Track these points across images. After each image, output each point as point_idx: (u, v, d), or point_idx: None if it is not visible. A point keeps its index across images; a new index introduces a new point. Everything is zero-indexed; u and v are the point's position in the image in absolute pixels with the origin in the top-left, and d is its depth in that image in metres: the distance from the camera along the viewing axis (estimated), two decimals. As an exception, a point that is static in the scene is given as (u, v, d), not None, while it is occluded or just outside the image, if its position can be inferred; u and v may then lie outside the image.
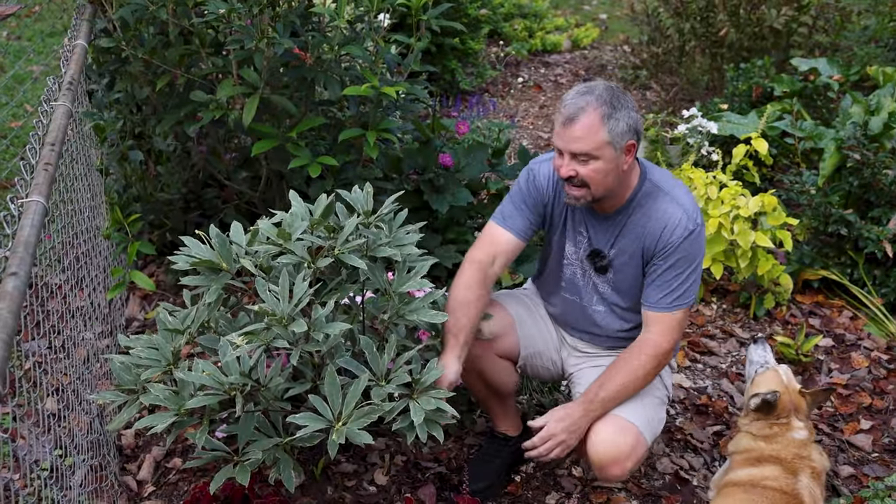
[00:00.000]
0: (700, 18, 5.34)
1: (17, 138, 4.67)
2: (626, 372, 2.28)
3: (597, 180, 2.16)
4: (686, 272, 2.25)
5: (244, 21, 2.67)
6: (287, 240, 2.07)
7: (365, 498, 2.57)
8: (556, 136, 2.17)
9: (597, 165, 2.14)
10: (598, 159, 2.13)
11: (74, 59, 2.81)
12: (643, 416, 2.30)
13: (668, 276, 2.25)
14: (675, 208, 2.24)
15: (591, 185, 2.17)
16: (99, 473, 2.42)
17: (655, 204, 2.26)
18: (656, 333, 2.29)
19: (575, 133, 2.11)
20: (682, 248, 2.23)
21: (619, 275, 2.36)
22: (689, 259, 2.25)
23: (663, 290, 2.27)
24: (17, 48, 6.30)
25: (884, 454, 2.87)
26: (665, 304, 2.27)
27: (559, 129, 2.15)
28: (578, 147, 2.12)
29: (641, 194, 2.27)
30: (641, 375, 2.27)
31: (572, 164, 2.15)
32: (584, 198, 2.20)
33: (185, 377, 1.99)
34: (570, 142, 2.13)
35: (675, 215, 2.23)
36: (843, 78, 4.62)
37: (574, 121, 2.11)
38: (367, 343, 2.10)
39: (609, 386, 2.27)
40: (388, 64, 3.03)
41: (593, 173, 2.15)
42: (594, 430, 2.26)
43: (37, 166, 2.05)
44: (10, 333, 1.46)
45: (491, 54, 6.80)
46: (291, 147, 2.85)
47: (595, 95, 2.13)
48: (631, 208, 2.28)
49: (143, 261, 3.76)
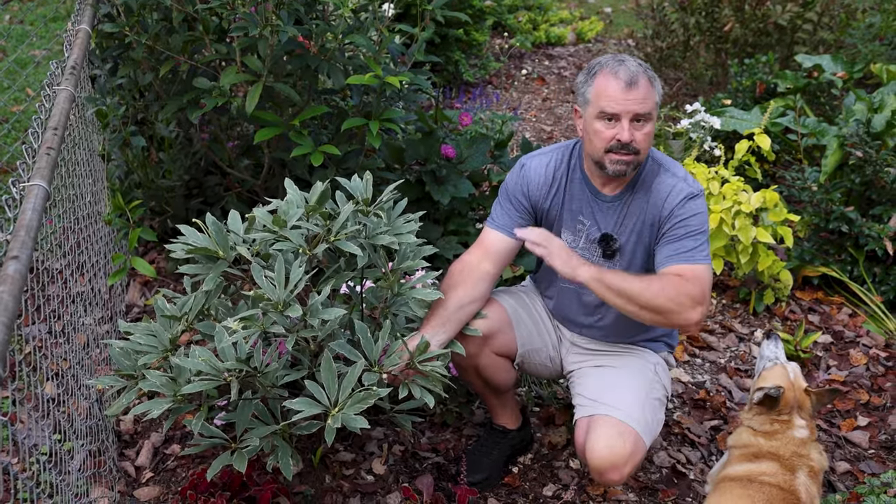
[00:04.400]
0: (705, 13, 5.33)
1: (18, 122, 4.67)
2: (645, 282, 2.18)
3: (647, 144, 2.21)
4: (695, 233, 2.22)
5: (248, 8, 2.66)
6: (282, 227, 2.08)
7: (363, 487, 2.58)
8: (613, 101, 2.16)
9: (649, 128, 2.19)
10: (650, 121, 2.20)
11: (78, 43, 2.80)
12: (642, 420, 2.28)
13: (678, 234, 2.23)
14: (673, 179, 2.27)
15: (642, 150, 2.20)
16: (97, 458, 2.43)
17: (656, 179, 2.28)
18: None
19: (640, 93, 2.15)
20: (686, 208, 2.23)
21: (626, 257, 2.35)
22: (696, 220, 2.23)
23: (676, 248, 2.21)
24: (19, 32, 6.29)
25: (880, 451, 2.88)
26: (683, 257, 2.20)
27: (618, 94, 2.15)
28: (643, 108, 2.16)
29: (646, 172, 2.29)
30: (655, 293, 2.15)
31: (631, 129, 2.17)
32: (632, 164, 2.21)
33: (181, 363, 2.00)
34: (634, 103, 2.16)
35: (674, 184, 2.25)
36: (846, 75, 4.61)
37: (636, 83, 2.15)
38: (362, 328, 2.11)
39: (620, 276, 2.19)
40: (392, 54, 3.03)
41: (647, 136, 2.20)
42: (593, 434, 2.25)
43: (39, 150, 2.05)
44: (10, 317, 1.46)
45: (495, 46, 6.78)
46: (294, 135, 2.85)
47: (636, 61, 2.20)
48: (637, 187, 2.29)
49: (143, 247, 3.76)
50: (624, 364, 2.44)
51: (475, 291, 2.36)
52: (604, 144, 2.20)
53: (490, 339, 2.44)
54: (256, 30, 2.64)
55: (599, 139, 2.21)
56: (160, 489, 2.57)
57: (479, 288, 2.37)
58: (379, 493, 2.57)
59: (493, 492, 2.62)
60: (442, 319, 2.28)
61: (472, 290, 2.35)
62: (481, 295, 2.39)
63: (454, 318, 2.30)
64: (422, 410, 2.86)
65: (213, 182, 3.55)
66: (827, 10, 5.21)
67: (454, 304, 2.30)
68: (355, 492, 2.56)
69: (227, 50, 2.89)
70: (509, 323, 2.50)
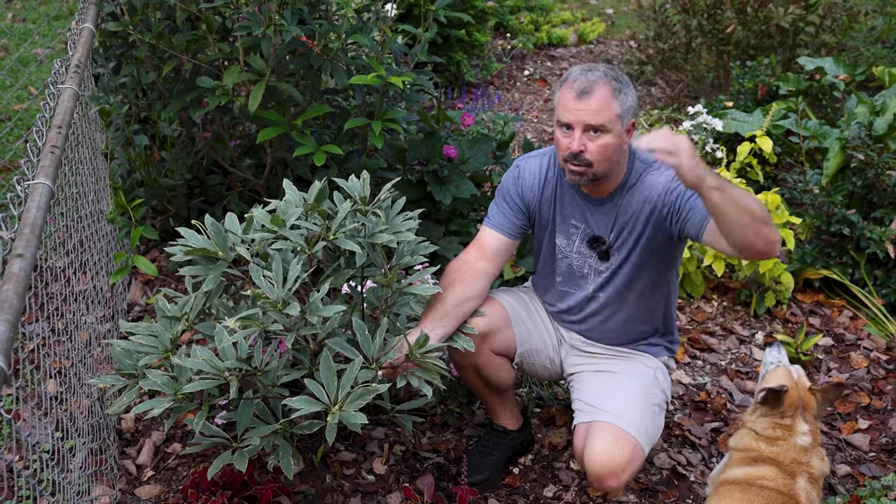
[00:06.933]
0: (707, 15, 5.32)
1: (21, 120, 4.67)
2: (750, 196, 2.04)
3: (603, 156, 2.17)
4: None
5: (252, 8, 2.66)
6: (281, 227, 2.08)
7: (363, 486, 2.58)
8: (566, 111, 2.16)
9: (606, 140, 2.16)
10: (608, 133, 2.15)
11: (82, 42, 2.81)
12: (641, 426, 2.28)
13: (690, 203, 2.19)
14: (660, 173, 2.25)
15: (596, 162, 2.18)
16: (99, 457, 2.43)
17: (646, 177, 2.28)
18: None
19: (591, 105, 2.13)
20: (676, 183, 2.21)
21: (620, 255, 2.35)
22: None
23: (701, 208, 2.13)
24: (22, 30, 6.29)
25: (881, 454, 2.88)
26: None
27: (571, 103, 2.15)
28: (594, 119, 2.13)
29: (634, 174, 2.30)
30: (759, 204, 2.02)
31: (583, 139, 2.16)
32: (585, 175, 2.20)
33: (182, 363, 2.00)
34: (585, 113, 2.14)
35: (665, 175, 2.24)
36: (848, 78, 4.61)
37: (589, 93, 2.13)
38: (360, 326, 2.12)
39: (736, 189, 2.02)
40: (395, 54, 3.03)
41: (602, 148, 2.16)
42: (591, 440, 2.26)
43: (43, 148, 2.05)
44: (15, 315, 1.46)
45: (497, 47, 6.78)
46: (296, 135, 2.85)
47: (601, 72, 2.17)
48: (626, 189, 2.30)
49: (145, 246, 3.77)
50: (623, 369, 2.44)
51: (472, 289, 2.37)
52: (561, 153, 2.22)
53: (489, 338, 2.44)
54: (260, 29, 2.64)
55: (558, 147, 2.24)
56: (161, 488, 2.58)
57: (476, 285, 2.38)
58: (380, 492, 2.58)
59: (494, 492, 2.62)
60: (440, 314, 2.28)
61: (470, 288, 2.36)
62: (479, 292, 2.40)
63: (452, 314, 2.31)
64: (423, 411, 2.87)
65: (216, 181, 3.55)
66: (829, 12, 5.21)
67: (452, 300, 2.31)
68: (356, 491, 2.57)
69: (230, 49, 2.89)
70: (508, 322, 2.50)
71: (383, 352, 2.13)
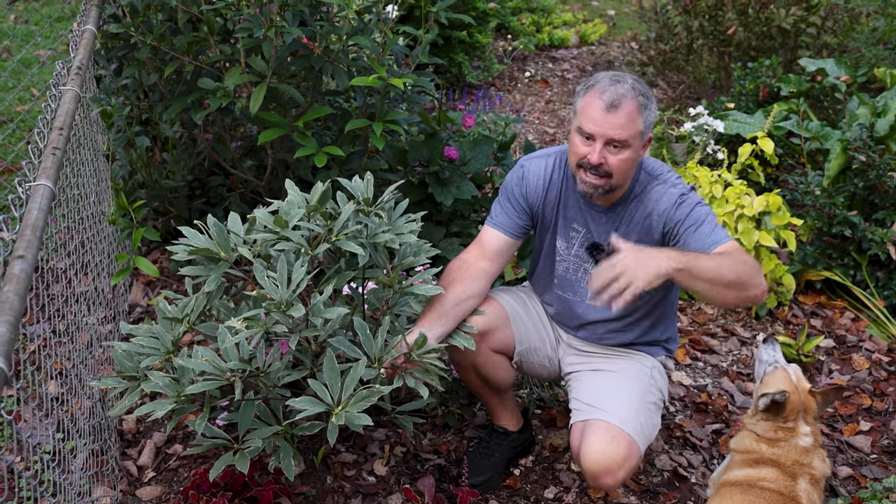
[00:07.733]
0: (708, 17, 5.33)
1: (23, 122, 4.67)
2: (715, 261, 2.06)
3: (622, 170, 2.17)
4: (703, 222, 2.19)
5: (253, 9, 2.67)
6: (284, 228, 2.08)
7: (364, 488, 2.58)
8: (591, 121, 2.14)
9: (626, 155, 2.15)
10: (629, 148, 2.15)
11: (83, 43, 2.81)
12: (637, 424, 2.28)
13: (691, 231, 2.20)
14: (663, 187, 2.26)
15: (615, 174, 2.17)
16: (100, 458, 2.44)
17: (651, 190, 2.27)
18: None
19: (619, 120, 2.11)
20: (682, 209, 2.22)
21: None
22: (696, 212, 2.21)
23: (698, 240, 2.16)
24: (24, 32, 6.30)
25: (882, 456, 2.88)
26: (709, 243, 2.15)
27: (597, 114, 2.13)
28: (619, 134, 2.12)
29: (639, 185, 2.29)
30: (741, 261, 2.06)
31: (604, 152, 2.15)
32: (602, 187, 2.20)
33: (184, 364, 2.00)
34: (610, 128, 2.12)
35: (664, 191, 2.24)
36: (850, 79, 4.60)
37: (618, 108, 2.11)
38: (361, 325, 2.12)
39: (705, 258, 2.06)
40: (396, 55, 3.03)
41: (622, 163, 2.15)
42: (587, 438, 2.26)
43: (45, 150, 2.06)
44: (16, 316, 1.46)
45: (498, 48, 6.79)
46: (297, 136, 2.85)
47: (630, 85, 2.14)
48: (630, 199, 2.29)
49: (147, 247, 3.77)
50: (620, 368, 2.45)
51: (472, 288, 2.37)
52: (576, 159, 2.21)
53: (487, 336, 2.44)
54: (261, 31, 2.64)
55: (573, 153, 2.22)
56: (162, 489, 2.58)
57: (476, 284, 2.38)
58: (380, 494, 2.58)
59: (495, 494, 2.62)
60: (439, 314, 2.28)
61: (470, 287, 2.36)
62: (479, 292, 2.40)
63: (451, 314, 2.31)
64: (424, 412, 2.87)
65: (217, 182, 3.56)
66: (831, 13, 5.21)
67: (451, 299, 2.31)
68: (357, 493, 2.57)
69: (231, 51, 2.90)
70: (507, 320, 2.50)
71: (385, 351, 2.13)
